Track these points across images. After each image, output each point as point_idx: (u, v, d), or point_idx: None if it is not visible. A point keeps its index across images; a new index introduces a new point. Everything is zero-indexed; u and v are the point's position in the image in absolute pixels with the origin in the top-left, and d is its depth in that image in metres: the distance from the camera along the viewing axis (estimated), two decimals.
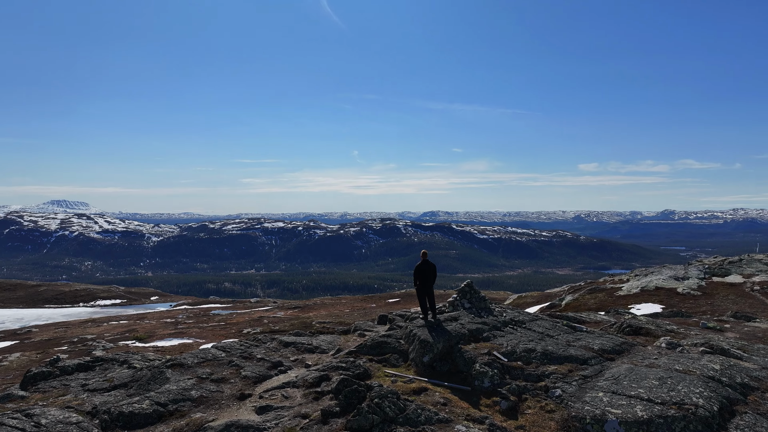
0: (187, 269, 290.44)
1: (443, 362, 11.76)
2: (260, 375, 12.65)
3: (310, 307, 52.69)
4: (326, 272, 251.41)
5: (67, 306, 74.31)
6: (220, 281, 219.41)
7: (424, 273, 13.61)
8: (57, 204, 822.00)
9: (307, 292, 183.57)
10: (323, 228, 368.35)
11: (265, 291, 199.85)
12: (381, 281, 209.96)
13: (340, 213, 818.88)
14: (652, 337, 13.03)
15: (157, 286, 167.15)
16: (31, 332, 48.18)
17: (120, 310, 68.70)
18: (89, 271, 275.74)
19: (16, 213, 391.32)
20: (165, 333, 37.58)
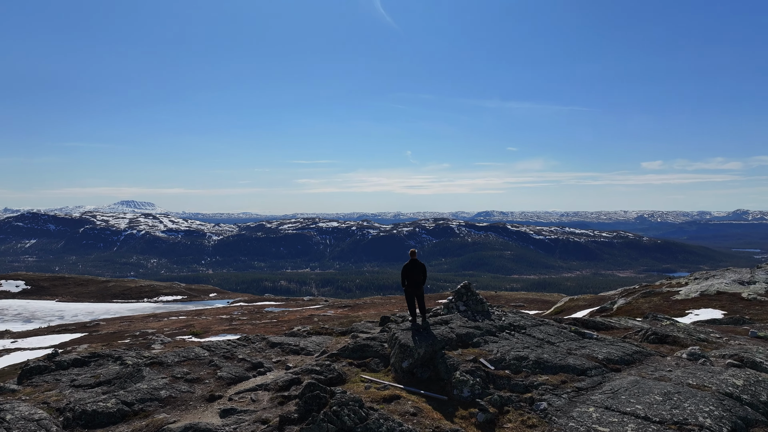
0: (245, 267, 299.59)
1: (424, 368, 11.00)
2: (237, 376, 12.28)
3: (360, 306, 53.22)
4: (379, 272, 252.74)
5: (132, 301, 78.53)
6: (277, 279, 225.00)
7: (412, 273, 12.81)
8: (126, 204, 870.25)
9: (360, 291, 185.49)
10: (376, 228, 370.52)
11: (320, 289, 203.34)
12: (433, 281, 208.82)
13: (393, 213, 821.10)
14: (679, 346, 12.02)
15: (216, 283, 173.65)
16: (99, 325, 51.26)
17: (180, 306, 71.85)
18: (155, 268, 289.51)
19: (89, 213, 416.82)
20: (220, 329, 39.07)
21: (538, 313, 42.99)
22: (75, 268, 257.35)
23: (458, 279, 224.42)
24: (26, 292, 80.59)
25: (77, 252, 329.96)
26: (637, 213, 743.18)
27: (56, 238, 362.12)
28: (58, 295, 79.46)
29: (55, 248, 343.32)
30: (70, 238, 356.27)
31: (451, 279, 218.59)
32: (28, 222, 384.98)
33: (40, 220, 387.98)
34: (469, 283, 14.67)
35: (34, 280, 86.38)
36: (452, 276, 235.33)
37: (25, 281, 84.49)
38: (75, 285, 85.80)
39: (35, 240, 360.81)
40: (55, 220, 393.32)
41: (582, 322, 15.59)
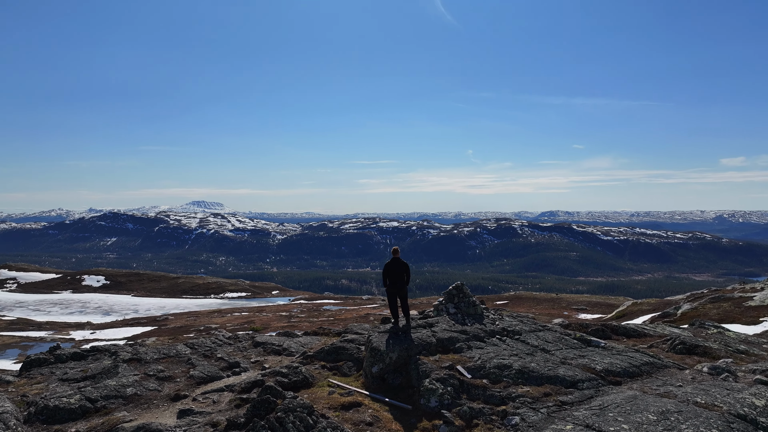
0: (307, 266, 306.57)
1: (396, 374, 10.30)
2: (209, 376, 12.00)
3: (415, 306, 53.05)
4: (439, 272, 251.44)
5: (200, 297, 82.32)
6: (338, 278, 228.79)
7: (393, 272, 12.11)
8: (197, 204, 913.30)
9: (420, 291, 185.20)
10: (437, 228, 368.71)
11: (380, 289, 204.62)
12: (495, 282, 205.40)
13: (454, 213, 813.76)
14: (709, 358, 11.05)
15: (280, 281, 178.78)
16: (168, 320, 54.15)
17: (244, 303, 74.62)
18: (222, 265, 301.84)
19: (164, 213, 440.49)
20: (278, 326, 40.24)
21: (599, 317, 41.38)
22: (150, 264, 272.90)
23: (520, 280, 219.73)
24: (106, 286, 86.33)
25: (152, 250, 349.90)
26: (715, 213, 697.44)
27: (134, 237, 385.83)
28: (133, 290, 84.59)
29: (132, 246, 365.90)
30: (147, 236, 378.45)
31: (513, 280, 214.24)
32: (109, 221, 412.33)
33: (120, 219, 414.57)
34: (461, 283, 13.76)
35: (113, 275, 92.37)
36: (514, 277, 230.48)
37: (105, 277, 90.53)
38: (149, 281, 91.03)
39: (116, 238, 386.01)
40: (133, 219, 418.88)
41: (611, 327, 14.51)
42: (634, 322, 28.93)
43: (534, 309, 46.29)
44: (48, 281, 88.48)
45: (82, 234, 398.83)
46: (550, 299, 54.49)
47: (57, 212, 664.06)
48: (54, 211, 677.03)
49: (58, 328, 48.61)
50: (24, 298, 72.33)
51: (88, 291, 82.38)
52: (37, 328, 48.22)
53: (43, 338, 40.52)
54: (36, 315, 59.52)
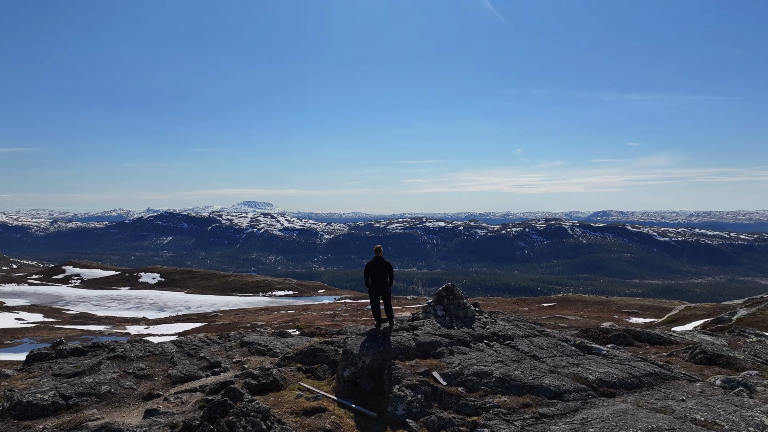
0: (354, 265, 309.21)
1: (369, 379, 9.85)
2: (187, 375, 11.87)
3: None
4: (487, 272, 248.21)
5: (249, 294, 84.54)
6: None
7: (375, 272, 11.61)
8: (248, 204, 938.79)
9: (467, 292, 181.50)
10: (484, 228, 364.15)
11: (426, 289, 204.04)
12: (544, 284, 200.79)
13: (502, 213, 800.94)
14: (731, 369, 10.40)
15: (327, 280, 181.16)
16: (217, 316, 55.88)
17: (291, 301, 76.07)
18: (272, 264, 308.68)
19: (216, 213, 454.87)
20: (322, 324, 40.82)
21: (650, 321, 39.63)
22: (203, 263, 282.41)
23: (571, 282, 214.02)
24: (161, 283, 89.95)
25: (206, 248, 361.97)
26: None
27: (188, 236, 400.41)
28: (186, 287, 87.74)
29: (187, 245, 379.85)
30: (200, 235, 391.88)
31: (563, 282, 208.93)
32: (165, 221, 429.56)
33: (175, 219, 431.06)
34: (452, 284, 13.07)
35: (167, 273, 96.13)
36: (565, 279, 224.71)
37: (160, 274, 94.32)
38: (201, 278, 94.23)
39: (171, 237, 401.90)
40: (188, 219, 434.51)
41: (634, 333, 13.81)
42: (682, 328, 27.58)
43: (582, 312, 44.94)
44: (108, 278, 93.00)
45: (140, 233, 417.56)
46: (600, 302, 52.70)
47: (118, 212, 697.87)
48: (115, 211, 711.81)
49: (116, 322, 51.01)
50: (86, 294, 76.36)
51: (145, 288, 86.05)
52: (97, 322, 50.76)
53: (102, 332, 42.61)
54: (97, 310, 62.68)
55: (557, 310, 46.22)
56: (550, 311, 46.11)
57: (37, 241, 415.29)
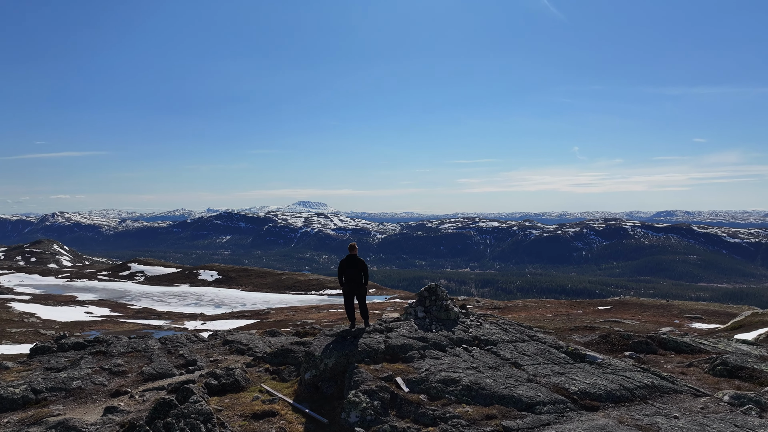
0: (406, 265, 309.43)
1: (331, 383, 9.46)
2: (160, 373, 11.81)
3: (511, 308, 51.63)
4: (542, 274, 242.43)
5: (302, 293, 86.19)
6: (436, 278, 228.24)
7: (349, 270, 11.12)
8: (302, 204, 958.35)
9: (521, 294, 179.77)
10: (539, 228, 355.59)
11: (479, 290, 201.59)
12: (603, 286, 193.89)
13: (558, 213, 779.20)
14: (754, 384, 9.31)
15: (379, 279, 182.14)
16: (269, 313, 57.31)
17: (342, 300, 77.06)
18: (326, 263, 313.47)
19: (272, 213, 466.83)
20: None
21: (714, 328, 37.31)
22: (260, 261, 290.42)
23: (631, 285, 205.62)
24: (218, 281, 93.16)
25: (262, 247, 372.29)
26: None
27: (246, 235, 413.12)
28: (242, 284, 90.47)
29: (244, 243, 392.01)
30: (257, 234, 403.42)
31: (623, 284, 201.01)
32: (224, 220, 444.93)
33: (234, 218, 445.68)
34: (435, 284, 12.42)
35: (224, 271, 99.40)
36: (625, 281, 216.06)
37: (218, 272, 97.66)
38: (256, 276, 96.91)
39: (230, 236, 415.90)
40: (245, 218, 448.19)
41: (658, 341, 12.63)
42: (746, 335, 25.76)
43: (639, 316, 42.99)
44: (170, 275, 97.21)
45: (201, 232, 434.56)
46: (660, 306, 50.18)
47: (180, 212, 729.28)
48: (178, 210, 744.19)
49: (175, 318, 53.23)
50: (149, 290, 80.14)
51: (203, 285, 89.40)
52: (158, 317, 53.15)
53: (161, 327, 44.55)
54: (158, 305, 65.63)
55: (613, 314, 44.38)
56: (605, 314, 44.29)
57: (107, 240, 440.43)
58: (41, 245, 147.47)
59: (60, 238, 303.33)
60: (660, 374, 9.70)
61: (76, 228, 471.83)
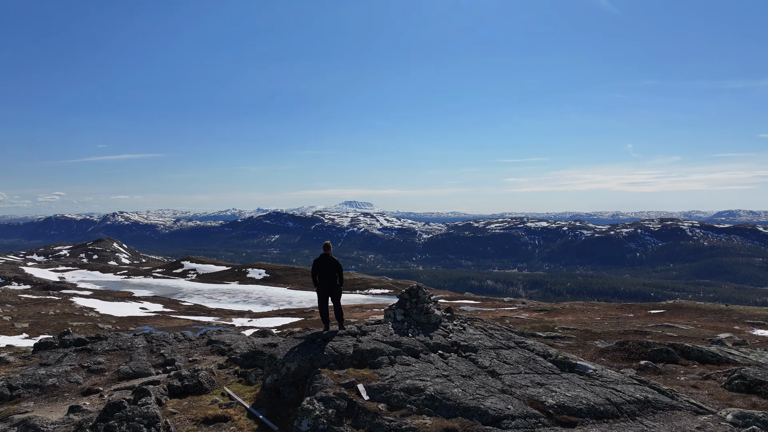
0: (452, 265, 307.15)
1: (293, 388, 9.07)
2: (136, 372, 11.73)
3: (558, 311, 50.26)
4: (593, 275, 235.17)
5: (347, 292, 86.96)
6: (483, 279, 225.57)
7: (323, 270, 10.65)
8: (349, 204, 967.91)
9: (571, 296, 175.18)
10: (590, 228, 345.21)
11: (527, 291, 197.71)
12: (658, 289, 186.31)
13: (610, 213, 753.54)
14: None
15: (425, 280, 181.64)
16: (314, 312, 58.08)
17: (387, 299, 77.18)
18: (371, 263, 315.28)
19: (319, 212, 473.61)
20: None
21: None
22: (308, 260, 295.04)
23: (689, 288, 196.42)
24: (266, 279, 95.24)
25: (309, 246, 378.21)
26: None
27: (294, 234, 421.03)
28: (289, 283, 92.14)
29: (292, 242, 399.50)
30: (304, 234, 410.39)
31: (680, 287, 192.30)
32: (273, 220, 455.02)
33: (282, 218, 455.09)
34: (418, 286, 11.85)
35: (272, 269, 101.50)
36: (682, 284, 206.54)
37: (266, 270, 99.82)
38: (302, 275, 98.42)
39: (278, 235, 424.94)
40: (293, 218, 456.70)
41: (682, 350, 11.88)
42: None
43: (696, 321, 40.98)
44: (220, 273, 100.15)
45: (250, 231, 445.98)
46: (718, 310, 47.66)
47: (231, 212, 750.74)
48: (229, 210, 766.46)
49: (224, 314, 54.81)
50: (201, 287, 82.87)
51: (252, 283, 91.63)
52: (207, 314, 54.86)
53: (210, 323, 45.97)
54: (208, 302, 67.75)
55: (666, 318, 42.47)
56: (657, 319, 42.45)
57: (162, 238, 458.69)
58: (102, 243, 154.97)
59: (120, 236, 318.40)
60: (659, 387, 8.98)
61: (135, 227, 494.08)
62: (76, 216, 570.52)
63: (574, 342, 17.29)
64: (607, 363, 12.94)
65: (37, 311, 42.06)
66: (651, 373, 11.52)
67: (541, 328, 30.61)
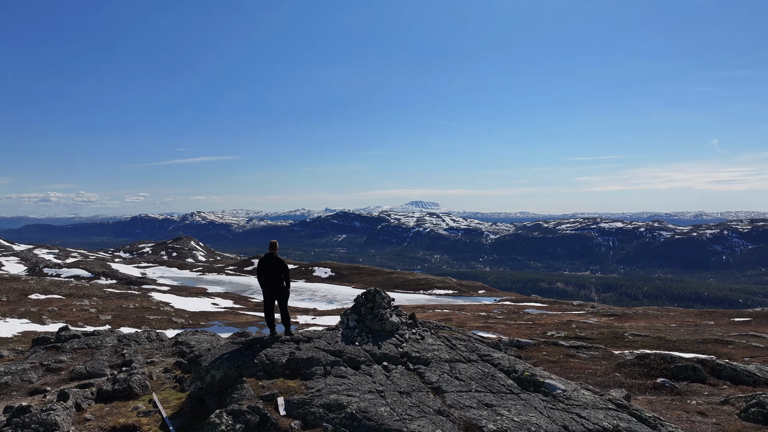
0: (520, 266, 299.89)
1: (217, 397, 8.42)
2: (90, 372, 11.45)
3: (629, 316, 47.72)
4: (673, 279, 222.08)
5: (410, 292, 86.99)
6: (553, 281, 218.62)
7: (267, 271, 10.03)
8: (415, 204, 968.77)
9: (648, 300, 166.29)
10: (670, 229, 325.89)
11: (600, 295, 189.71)
12: (748, 295, 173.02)
13: (693, 213, 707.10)
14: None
15: (492, 281, 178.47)
16: None
17: (450, 300, 76.48)
18: (437, 263, 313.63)
19: (385, 212, 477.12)
20: (474, 325, 40.31)
21: None
22: (373, 260, 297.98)
23: None
24: (331, 278, 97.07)
25: (375, 246, 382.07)
26: None
27: (360, 234, 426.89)
28: (353, 282, 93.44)
29: (359, 242, 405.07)
30: (371, 233, 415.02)
31: None
32: (340, 220, 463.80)
33: (349, 218, 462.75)
34: (375, 290, 10.93)
35: (337, 268, 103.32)
36: None
37: (331, 269, 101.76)
38: (366, 274, 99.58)
39: (345, 235, 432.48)
40: (360, 218, 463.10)
41: (712, 367, 10.55)
42: None
43: None
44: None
45: (318, 231, 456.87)
46: None
47: (301, 212, 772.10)
48: (298, 210, 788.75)
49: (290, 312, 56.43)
50: None
51: (317, 281, 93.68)
52: None
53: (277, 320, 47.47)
54: None
55: (752, 327, 39.22)
56: (742, 327, 39.27)
57: (236, 237, 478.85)
58: (181, 242, 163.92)
59: (197, 235, 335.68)
60: (641, 415, 7.77)
61: (210, 226, 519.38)
62: (159, 216, 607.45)
63: (599, 353, 16.11)
64: (620, 379, 12.05)
65: (119, 304, 45.08)
66: (666, 393, 10.43)
67: (610, 334, 29.22)
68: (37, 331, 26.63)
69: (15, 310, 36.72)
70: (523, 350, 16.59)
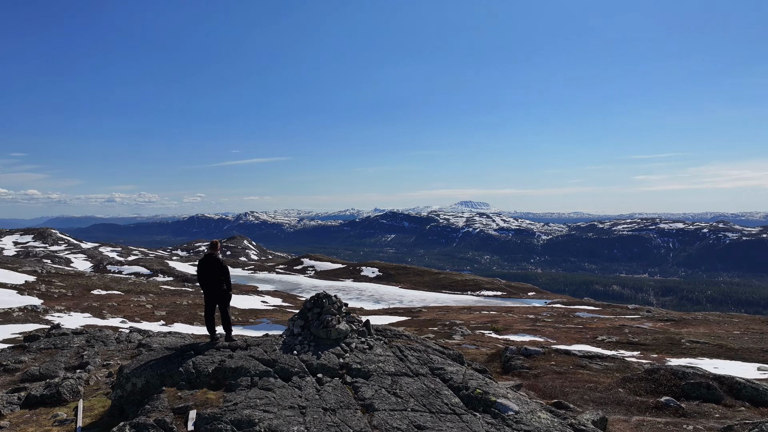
0: (574, 268, 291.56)
1: (137, 407, 7.86)
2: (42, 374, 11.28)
3: (688, 321, 45.30)
4: (740, 284, 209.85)
5: (458, 293, 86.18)
6: (608, 283, 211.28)
7: (206, 272, 9.54)
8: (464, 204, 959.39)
9: (712, 305, 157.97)
10: (737, 231, 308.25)
11: (659, 299, 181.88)
12: None
13: (762, 213, 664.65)
14: None
15: (543, 282, 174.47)
16: (422, 312, 58.21)
17: (499, 302, 75.22)
18: (487, 264, 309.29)
19: (434, 212, 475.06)
20: (520, 328, 39.44)
21: None
22: (422, 260, 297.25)
23: None
24: (379, 277, 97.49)
25: (424, 246, 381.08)
26: None
27: (409, 234, 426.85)
28: (400, 282, 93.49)
29: (408, 242, 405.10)
30: (419, 233, 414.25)
31: None
32: (389, 220, 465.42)
33: (398, 218, 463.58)
34: (323, 294, 10.26)
35: (385, 268, 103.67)
36: None
37: (379, 269, 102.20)
38: (414, 275, 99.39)
39: (394, 235, 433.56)
40: (408, 218, 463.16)
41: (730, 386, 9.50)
42: None
43: None
44: (336, 270, 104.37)
45: (367, 230, 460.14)
46: None
47: (350, 212, 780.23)
48: (348, 210, 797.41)
49: None
50: (318, 283, 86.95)
51: (365, 281, 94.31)
52: None
53: None
54: None
55: None
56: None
57: (287, 236, 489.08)
58: (234, 240, 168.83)
59: (250, 234, 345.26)
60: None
61: (263, 226, 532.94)
62: (214, 215, 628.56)
63: (615, 365, 15.09)
64: (622, 395, 11.26)
65: (173, 301, 46.88)
66: (668, 413, 9.54)
67: (665, 341, 27.90)
68: (97, 325, 28.04)
69: (79, 305, 38.85)
70: (530, 359, 16.05)
